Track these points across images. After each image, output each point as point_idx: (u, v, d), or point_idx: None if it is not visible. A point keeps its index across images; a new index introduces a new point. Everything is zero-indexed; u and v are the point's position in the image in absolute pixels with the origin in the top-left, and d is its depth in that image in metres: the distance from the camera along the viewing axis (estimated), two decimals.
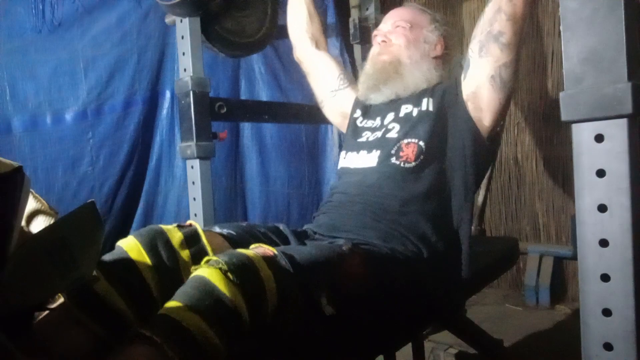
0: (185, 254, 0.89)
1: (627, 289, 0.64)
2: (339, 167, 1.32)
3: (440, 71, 1.32)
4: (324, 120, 1.98)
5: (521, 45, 1.04)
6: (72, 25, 2.17)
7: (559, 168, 2.42)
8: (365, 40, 2.14)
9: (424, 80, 1.28)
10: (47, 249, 0.97)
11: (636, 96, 0.62)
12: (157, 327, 0.68)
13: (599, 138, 0.65)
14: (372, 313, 0.95)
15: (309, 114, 1.89)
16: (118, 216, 2.32)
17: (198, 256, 0.88)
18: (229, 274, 0.72)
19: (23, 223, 1.35)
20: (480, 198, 2.26)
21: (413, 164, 1.12)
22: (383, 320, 0.98)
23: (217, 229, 1.02)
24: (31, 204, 1.42)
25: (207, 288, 0.71)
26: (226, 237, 0.99)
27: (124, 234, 2.33)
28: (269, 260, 0.78)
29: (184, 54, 1.52)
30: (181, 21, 1.52)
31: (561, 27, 0.68)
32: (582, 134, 0.66)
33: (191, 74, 1.50)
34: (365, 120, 1.35)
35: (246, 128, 2.68)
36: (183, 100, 1.51)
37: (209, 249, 0.92)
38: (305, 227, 1.20)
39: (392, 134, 1.21)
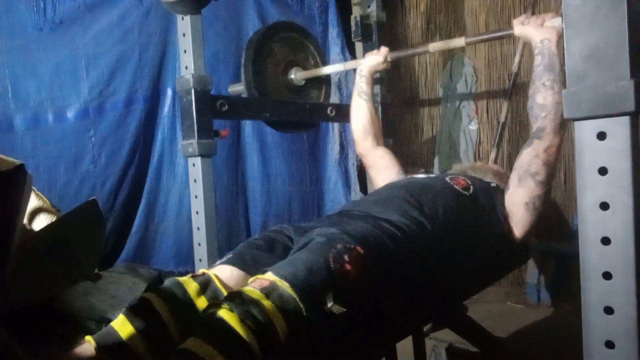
0: (201, 301, 0.98)
1: (629, 286, 0.63)
2: None
3: None
4: (326, 119, 1.98)
5: (552, 181, 1.24)
6: (74, 23, 2.16)
7: (561, 165, 2.41)
8: (367, 38, 2.13)
9: None
10: (49, 246, 0.98)
11: (638, 94, 0.62)
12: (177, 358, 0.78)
13: (601, 136, 0.65)
14: (377, 305, 0.95)
15: (310, 112, 1.89)
16: (120, 214, 2.31)
17: (214, 299, 0.97)
18: (246, 321, 0.79)
19: (25, 221, 1.36)
20: None
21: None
22: (388, 312, 0.99)
23: (226, 258, 1.09)
24: (33, 202, 1.42)
25: (221, 325, 0.79)
26: (235, 264, 1.06)
27: (125, 231, 2.34)
28: (266, 291, 0.83)
29: (185, 51, 1.52)
30: (182, 19, 1.52)
31: (563, 25, 0.68)
32: (584, 132, 0.66)
33: (192, 72, 1.50)
34: None
35: (247, 126, 2.67)
36: (184, 98, 1.51)
37: (223, 292, 1.00)
38: None
39: None
